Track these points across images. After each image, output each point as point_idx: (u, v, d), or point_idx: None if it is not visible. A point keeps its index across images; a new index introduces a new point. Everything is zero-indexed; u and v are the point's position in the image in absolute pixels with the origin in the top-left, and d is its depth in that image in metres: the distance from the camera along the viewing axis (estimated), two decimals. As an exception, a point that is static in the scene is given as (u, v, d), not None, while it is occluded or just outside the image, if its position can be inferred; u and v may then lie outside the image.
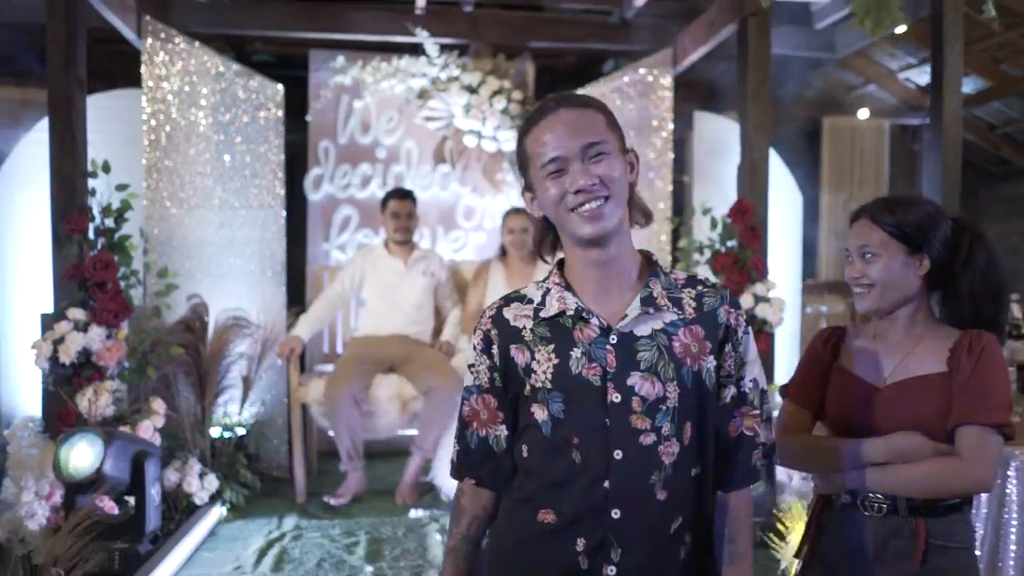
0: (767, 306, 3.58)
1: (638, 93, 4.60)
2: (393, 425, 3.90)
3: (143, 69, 4.01)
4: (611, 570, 1.22)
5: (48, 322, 3.33)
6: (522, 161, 1.31)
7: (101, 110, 3.98)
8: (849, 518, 1.54)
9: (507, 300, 1.33)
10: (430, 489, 3.91)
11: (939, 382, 1.49)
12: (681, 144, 5.12)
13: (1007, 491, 2.82)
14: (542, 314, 1.28)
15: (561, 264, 1.33)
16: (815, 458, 1.59)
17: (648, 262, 1.32)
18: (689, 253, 3.94)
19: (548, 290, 1.30)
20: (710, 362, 1.26)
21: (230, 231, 4.22)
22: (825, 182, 7.78)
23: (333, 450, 4.01)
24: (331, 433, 3.98)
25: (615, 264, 1.26)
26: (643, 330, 1.24)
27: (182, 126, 4.10)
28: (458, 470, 1.35)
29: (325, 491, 3.84)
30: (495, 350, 1.30)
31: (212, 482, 3.55)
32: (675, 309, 1.26)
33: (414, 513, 3.65)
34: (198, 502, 3.50)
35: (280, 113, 4.45)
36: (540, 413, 1.25)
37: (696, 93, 5.07)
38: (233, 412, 3.95)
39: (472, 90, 4.82)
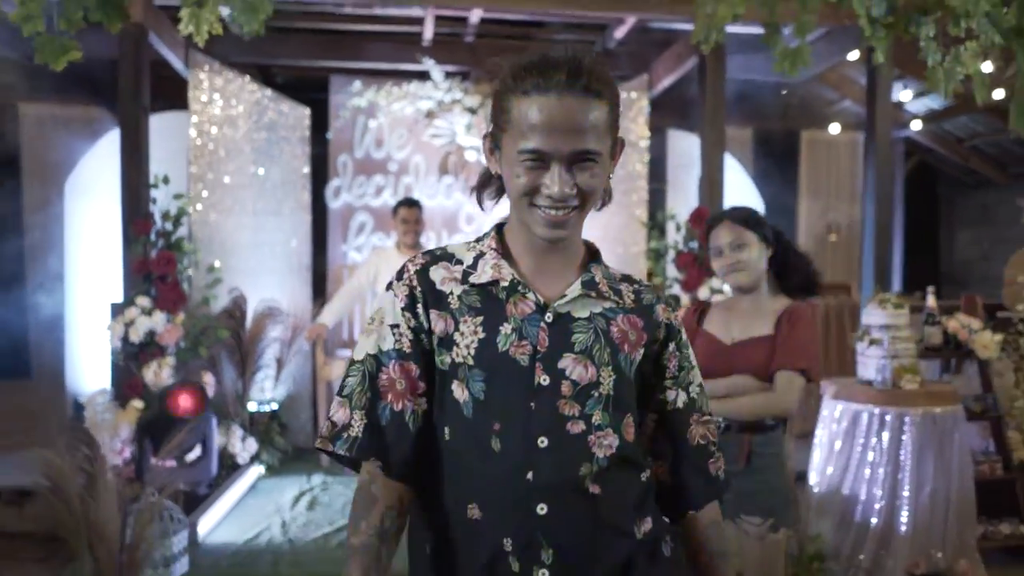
0: (720, 296, 4.23)
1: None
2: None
3: (190, 94, 4.68)
4: (543, 573, 1.09)
5: (118, 309, 4.00)
6: (498, 115, 1.12)
7: (153, 130, 4.66)
8: None
9: (434, 258, 1.17)
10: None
11: (768, 342, 2.14)
12: (659, 158, 5.78)
13: (903, 440, 3.48)
14: (472, 279, 1.14)
15: (499, 228, 1.20)
16: None
17: (590, 252, 1.21)
18: (660, 252, 4.60)
19: (482, 254, 1.17)
20: (641, 355, 1.17)
21: (263, 234, 4.88)
22: (803, 191, 8.39)
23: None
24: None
25: (560, 250, 1.15)
26: (581, 312, 1.14)
27: (222, 143, 4.77)
28: (361, 450, 1.11)
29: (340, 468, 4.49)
30: (419, 309, 1.13)
31: (252, 445, 4.21)
32: (614, 298, 1.17)
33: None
34: (240, 461, 4.16)
35: (307, 132, 5.13)
36: (460, 392, 1.11)
37: (670, 113, 5.71)
38: (268, 388, 4.61)
39: (472, 111, 5.50)
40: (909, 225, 9.81)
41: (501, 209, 1.20)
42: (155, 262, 3.95)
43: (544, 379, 1.10)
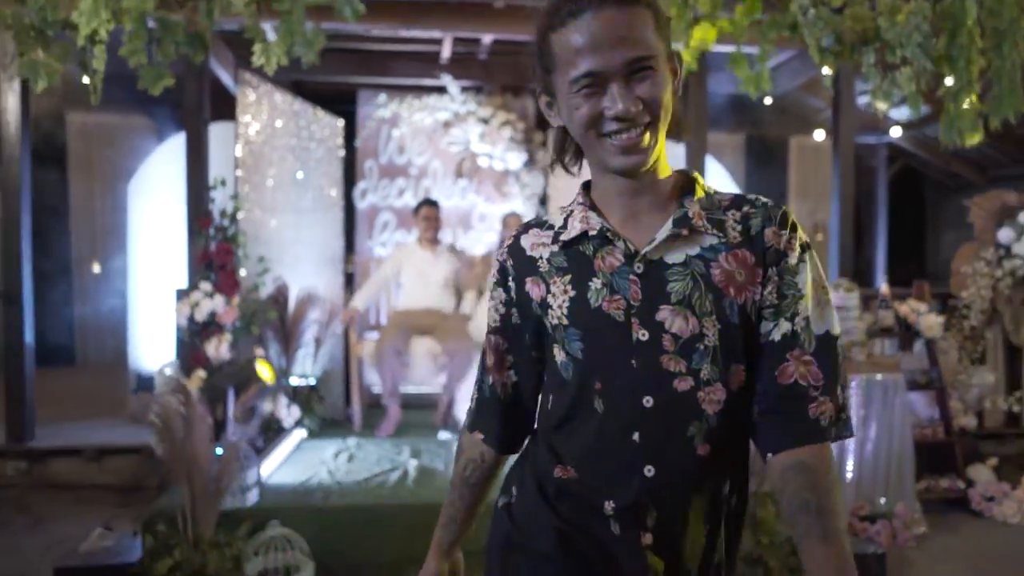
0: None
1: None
2: (425, 375, 5.21)
3: (238, 108, 5.33)
4: (647, 538, 1.05)
5: (183, 294, 4.67)
6: (544, 60, 1.07)
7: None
8: None
9: (527, 226, 1.18)
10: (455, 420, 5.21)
11: None
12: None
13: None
14: (562, 238, 1.12)
15: (587, 186, 1.16)
16: None
17: (687, 180, 1.12)
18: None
19: (571, 212, 1.14)
20: (751, 296, 1.05)
21: (301, 230, 5.54)
22: (792, 193, 9.00)
23: (374, 403, 5.34)
24: (375, 390, 5.31)
25: (647, 189, 1.09)
26: (675, 257, 1.05)
27: (266, 151, 5.41)
28: (470, 421, 1.26)
29: (373, 429, 5.14)
30: (511, 283, 1.15)
31: (295, 412, 4.86)
32: (715, 232, 1.06)
33: (443, 435, 4.95)
34: (285, 426, 4.81)
35: (340, 141, 5.79)
36: (559, 354, 1.10)
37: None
38: (307, 364, 5.26)
39: (485, 121, 6.17)
40: (896, 226, 10.42)
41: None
42: (215, 253, 4.62)
43: (643, 334, 1.04)
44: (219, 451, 3.35)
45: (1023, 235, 4.92)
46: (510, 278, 1.16)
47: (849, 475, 4.07)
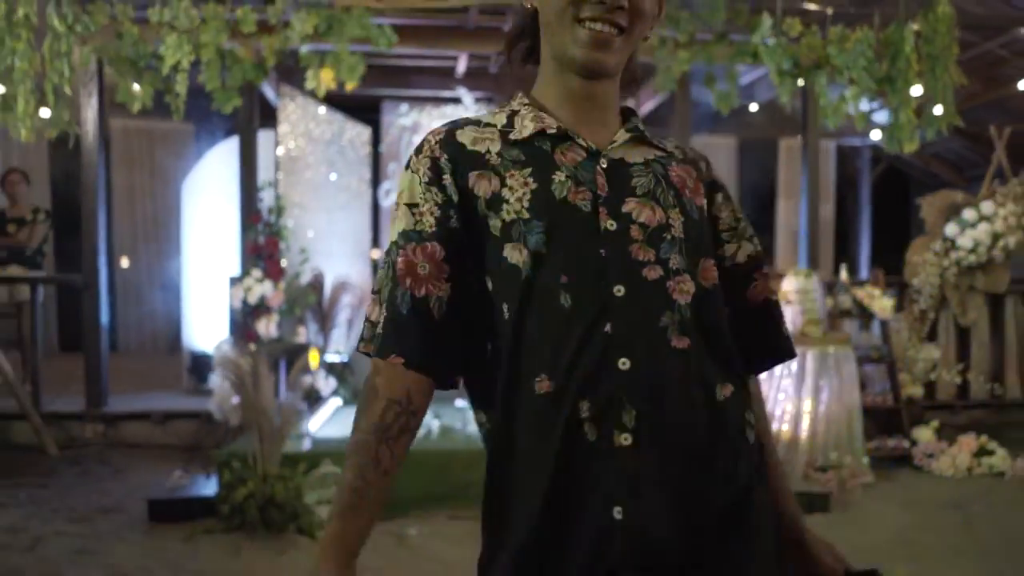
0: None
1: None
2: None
3: (279, 117, 6.08)
4: (625, 439, 0.94)
5: (236, 280, 5.42)
6: None
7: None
8: None
9: (455, 124, 1.07)
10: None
11: None
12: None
13: (805, 370, 4.83)
14: (512, 136, 1.03)
15: (525, 93, 1.11)
16: None
17: (627, 109, 1.13)
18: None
19: (515, 112, 1.07)
20: (702, 203, 1.08)
21: (335, 225, 6.29)
22: (781, 191, 9.68)
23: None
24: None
25: (599, 99, 1.06)
26: (635, 157, 1.05)
27: (303, 155, 6.17)
28: (381, 345, 1.00)
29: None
30: (447, 180, 1.01)
31: (332, 383, 5.60)
32: (662, 147, 1.10)
33: (459, 402, 5.69)
34: (323, 395, 5.56)
35: (368, 147, 6.53)
36: (515, 254, 0.98)
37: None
38: (341, 342, 6.01)
39: (496, 128, 6.90)
40: (882, 223, 11.09)
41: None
42: (264, 245, 5.37)
43: (611, 223, 0.99)
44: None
45: (967, 230, 5.63)
46: (446, 174, 1.01)
47: (804, 433, 4.79)
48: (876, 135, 9.19)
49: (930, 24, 4.66)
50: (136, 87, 4.04)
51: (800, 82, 4.86)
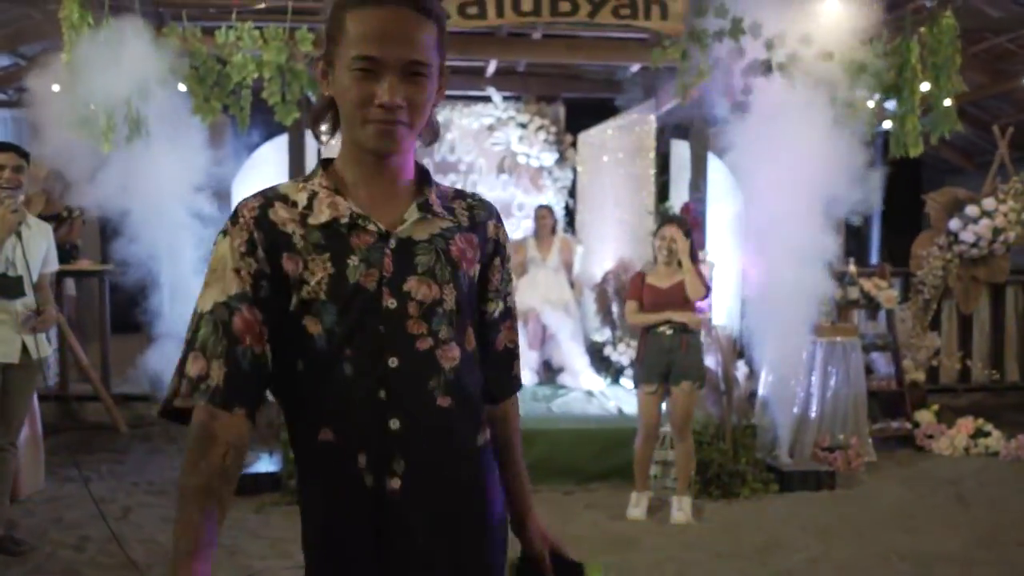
0: (703, 265, 5.97)
1: (633, 126, 6.96)
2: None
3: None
4: (395, 483, 1.16)
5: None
6: (333, 31, 1.17)
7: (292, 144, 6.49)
8: (656, 335, 4.00)
9: (268, 199, 1.20)
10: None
11: (681, 284, 3.93)
12: (664, 162, 7.48)
13: (815, 358, 5.22)
14: (311, 220, 1.17)
15: (326, 165, 1.24)
16: (643, 318, 4.04)
17: (421, 174, 1.27)
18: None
19: (315, 193, 1.20)
20: (477, 271, 1.27)
21: (373, 219, 6.70)
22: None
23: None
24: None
25: (392, 169, 1.21)
26: (421, 235, 1.21)
27: (344, 153, 6.57)
28: (224, 398, 1.11)
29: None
30: (260, 255, 1.15)
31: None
32: (449, 218, 1.24)
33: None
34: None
35: (403, 144, 6.92)
36: (313, 326, 1.16)
37: (672, 126, 7.41)
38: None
39: (523, 126, 7.29)
40: (895, 206, 11.39)
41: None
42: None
43: (391, 302, 1.15)
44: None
45: (969, 225, 5.98)
46: (259, 249, 1.16)
47: (813, 415, 5.20)
48: (887, 124, 9.53)
49: (934, 36, 4.99)
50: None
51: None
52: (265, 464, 4.70)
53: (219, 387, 1.11)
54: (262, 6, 4.69)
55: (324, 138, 1.25)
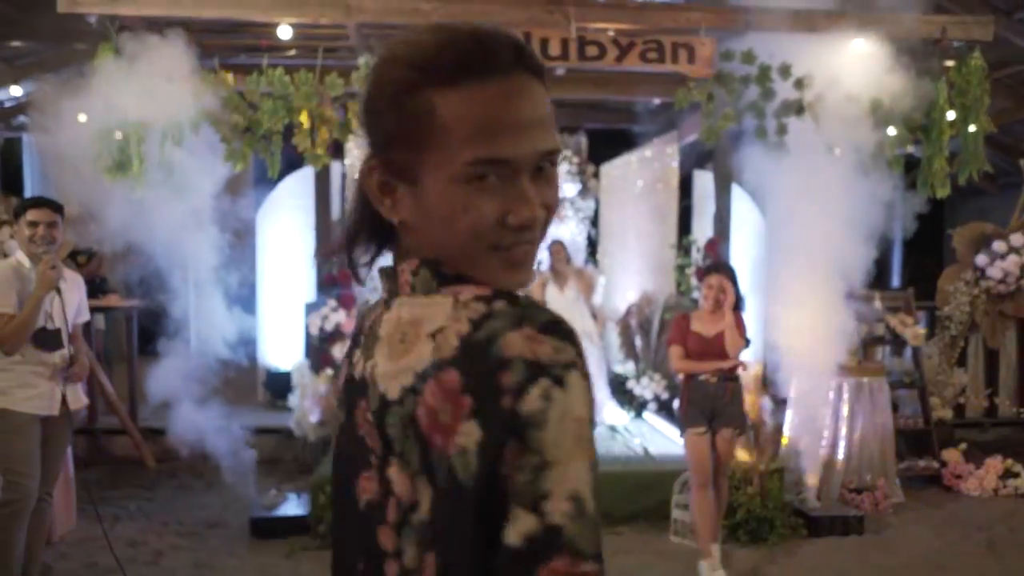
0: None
1: (656, 158, 6.99)
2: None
3: (346, 149, 6.52)
4: None
5: (312, 308, 5.90)
6: (406, 122, 0.77)
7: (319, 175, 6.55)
8: (701, 382, 3.99)
9: None
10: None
11: (723, 335, 3.92)
12: (686, 191, 7.49)
13: (842, 398, 5.21)
14: None
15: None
16: (691, 366, 4.03)
17: None
18: (684, 268, 6.36)
19: None
20: None
21: (397, 251, 6.74)
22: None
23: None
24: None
25: None
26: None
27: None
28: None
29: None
30: None
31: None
32: None
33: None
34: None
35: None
36: None
37: (694, 157, 7.43)
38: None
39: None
40: (916, 228, 11.33)
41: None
42: (339, 276, 5.84)
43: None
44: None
45: (996, 260, 5.95)
46: None
47: (841, 456, 5.19)
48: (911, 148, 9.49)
49: (963, 76, 4.97)
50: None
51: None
52: (293, 506, 4.73)
53: None
54: (293, 53, 4.73)
55: (362, 271, 0.92)
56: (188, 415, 6.05)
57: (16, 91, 6.89)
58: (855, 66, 4.94)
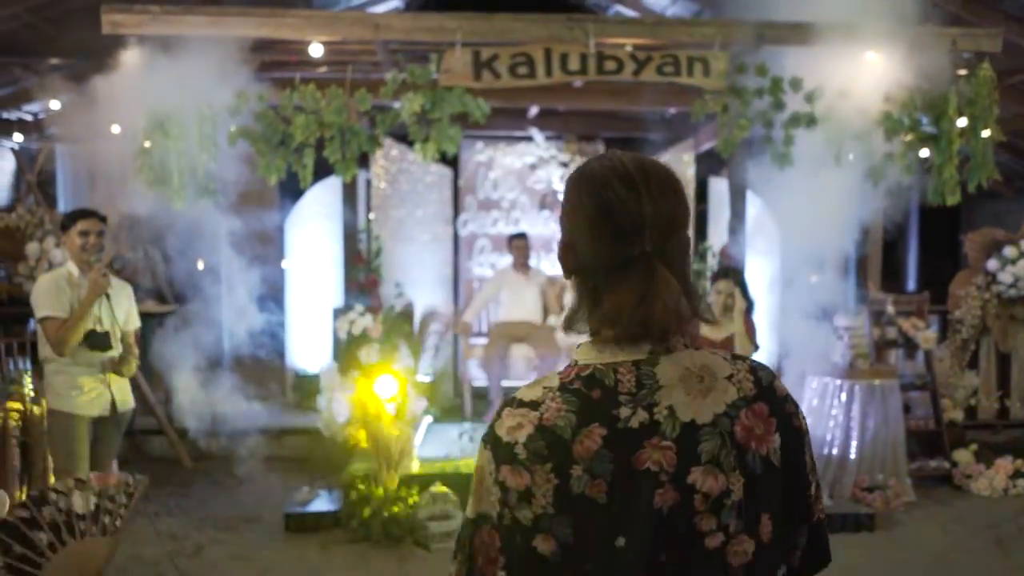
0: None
1: (671, 165, 7.13)
2: (521, 374, 6.60)
3: (372, 160, 6.73)
4: None
5: (340, 312, 6.12)
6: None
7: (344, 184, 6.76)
8: None
9: None
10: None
11: (731, 338, 4.10)
12: (702, 198, 7.65)
13: (854, 400, 5.36)
14: None
15: None
16: None
17: None
18: (700, 273, 6.52)
19: None
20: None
21: (421, 257, 6.96)
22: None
23: (476, 394, 6.77)
24: (476, 383, 6.73)
25: None
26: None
27: (392, 193, 6.83)
28: None
29: (479, 415, 6.54)
30: None
31: (423, 402, 6.29)
32: None
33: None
34: (416, 414, 6.24)
35: (449, 185, 7.18)
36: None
37: (709, 164, 7.58)
38: (427, 364, 6.70)
39: (565, 164, 7.50)
40: (931, 227, 11.41)
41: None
42: (366, 283, 6.06)
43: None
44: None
45: (1007, 265, 6.08)
46: None
47: (853, 456, 5.34)
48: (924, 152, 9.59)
49: (972, 87, 5.11)
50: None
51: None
52: (324, 502, 4.94)
53: None
54: (324, 69, 4.95)
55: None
56: (222, 416, 6.31)
57: (54, 104, 7.16)
58: (866, 77, 5.09)
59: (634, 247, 1.02)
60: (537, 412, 1.03)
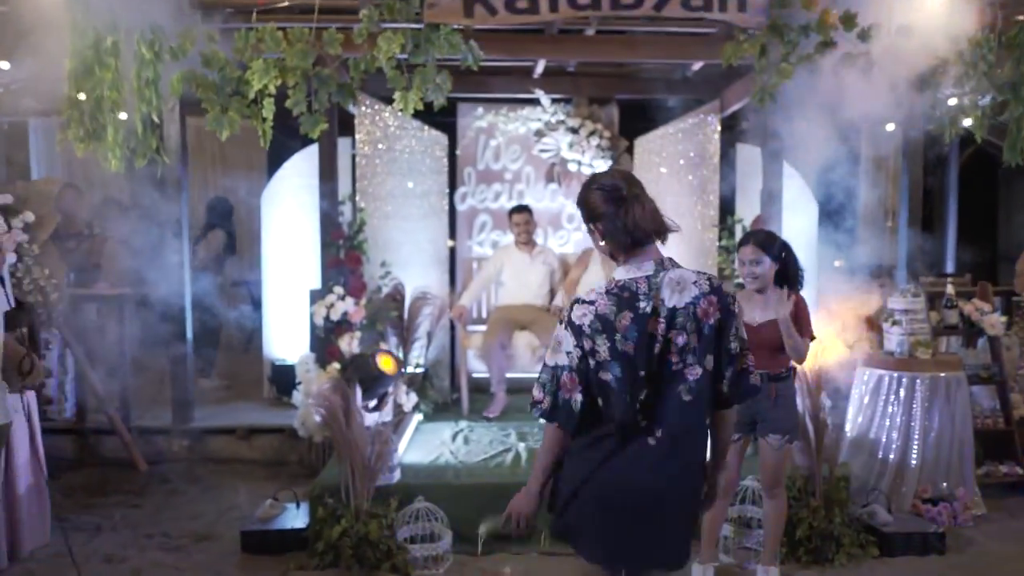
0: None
1: (694, 131, 6.34)
2: (526, 365, 5.83)
3: (356, 125, 5.93)
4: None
5: (317, 296, 5.35)
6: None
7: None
8: None
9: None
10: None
11: (774, 323, 3.31)
12: (730, 168, 6.83)
13: (915, 396, 4.56)
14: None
15: None
16: None
17: None
18: (729, 250, 5.71)
19: None
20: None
21: (413, 234, 6.18)
22: (863, 182, 9.27)
23: (476, 388, 5.99)
24: (476, 376, 5.93)
25: None
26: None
27: (380, 163, 6.04)
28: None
29: (478, 412, 5.77)
30: None
31: (413, 398, 5.53)
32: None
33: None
34: (405, 409, 5.48)
35: (444, 152, 6.39)
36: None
37: (738, 130, 6.76)
38: (420, 354, 5.93)
39: (574, 131, 6.69)
40: (969, 208, 10.57)
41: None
42: (346, 260, 5.29)
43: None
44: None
45: (1086, 239, 5.24)
46: None
47: (914, 461, 4.54)
48: (967, 122, 8.75)
49: (1059, 24, 4.30)
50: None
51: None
52: (290, 518, 4.20)
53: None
54: (285, 3, 4.17)
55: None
56: (186, 416, 5.57)
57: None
58: (930, 15, 4.29)
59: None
60: (593, 306, 2.06)
